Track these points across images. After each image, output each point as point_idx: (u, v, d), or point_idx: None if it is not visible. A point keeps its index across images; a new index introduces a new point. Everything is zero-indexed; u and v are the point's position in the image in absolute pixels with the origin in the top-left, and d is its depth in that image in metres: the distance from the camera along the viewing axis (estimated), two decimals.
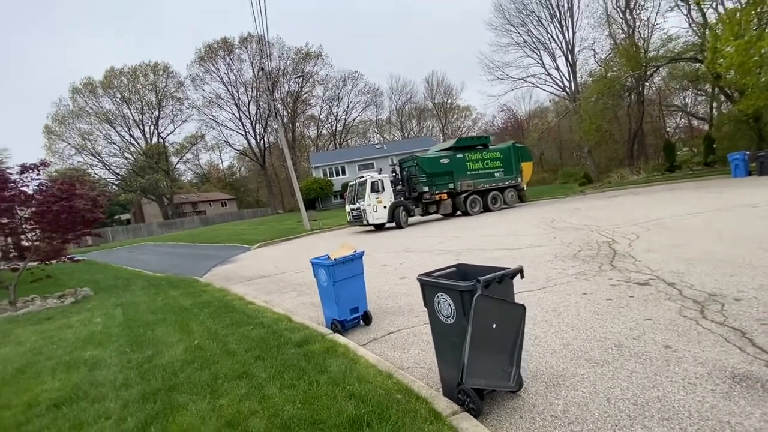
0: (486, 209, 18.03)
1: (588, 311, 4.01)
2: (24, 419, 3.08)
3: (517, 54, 40.66)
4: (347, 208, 17.58)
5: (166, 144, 55.85)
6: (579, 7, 32.46)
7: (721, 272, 4.55)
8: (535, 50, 34.58)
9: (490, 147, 19.48)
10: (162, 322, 5.55)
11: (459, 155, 17.90)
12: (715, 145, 23.19)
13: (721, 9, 19.92)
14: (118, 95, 51.27)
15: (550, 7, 32.64)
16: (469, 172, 17.88)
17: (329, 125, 62.80)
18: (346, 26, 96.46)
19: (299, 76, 52.88)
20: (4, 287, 8.53)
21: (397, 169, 18.26)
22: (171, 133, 57.56)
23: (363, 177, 16.83)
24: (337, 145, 61.06)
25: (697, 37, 23.09)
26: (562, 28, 32.74)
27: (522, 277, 2.67)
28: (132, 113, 52.92)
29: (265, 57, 40.63)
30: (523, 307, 2.59)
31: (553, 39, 33.45)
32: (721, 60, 16.74)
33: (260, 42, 43.81)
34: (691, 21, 24.15)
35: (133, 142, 54.10)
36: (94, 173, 49.81)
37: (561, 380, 2.80)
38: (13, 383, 3.90)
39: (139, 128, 54.23)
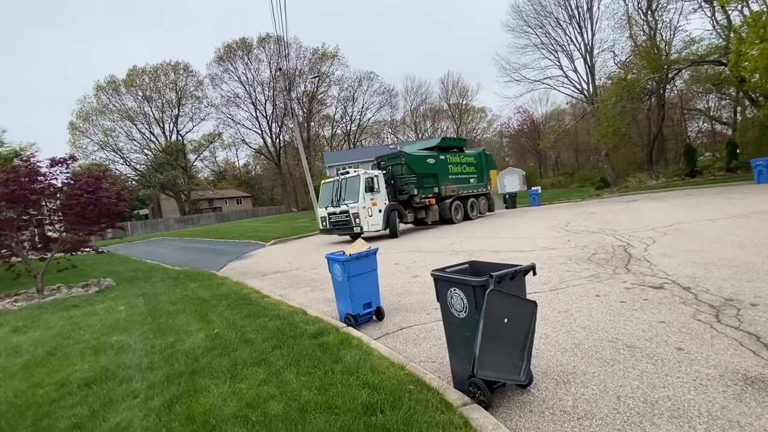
0: (466, 217, 16.75)
1: (600, 313, 4.02)
2: (57, 396, 3.28)
3: (535, 55, 40.58)
4: (323, 212, 14.16)
5: (185, 141, 57.12)
6: (599, 8, 32.08)
7: (739, 278, 4.50)
8: (553, 52, 34.15)
9: (465, 151, 18.13)
10: (182, 311, 5.75)
11: (442, 156, 16.37)
12: (738, 151, 22.55)
13: (746, 11, 19.41)
14: (140, 93, 52.70)
15: (568, 8, 32.21)
16: (450, 176, 16.42)
17: (344, 125, 63.19)
18: (363, 27, 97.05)
19: (315, 77, 53.36)
20: (32, 276, 8.93)
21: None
22: (190, 131, 58.79)
23: (352, 172, 13.81)
24: (351, 145, 61.38)
25: (721, 39, 22.54)
26: (580, 30, 32.28)
27: (534, 274, 2.73)
28: (153, 111, 54.32)
29: (283, 57, 41.19)
30: (534, 303, 2.65)
31: (572, 41, 32.99)
32: (746, 63, 16.31)
33: (278, 42, 44.44)
34: (715, 23, 23.59)
35: (153, 139, 55.54)
36: (116, 169, 51.27)
37: (571, 377, 2.85)
38: (44, 364, 4.13)
39: (159, 126, 55.60)
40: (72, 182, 9.06)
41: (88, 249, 10.08)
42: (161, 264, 13.63)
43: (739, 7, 19.73)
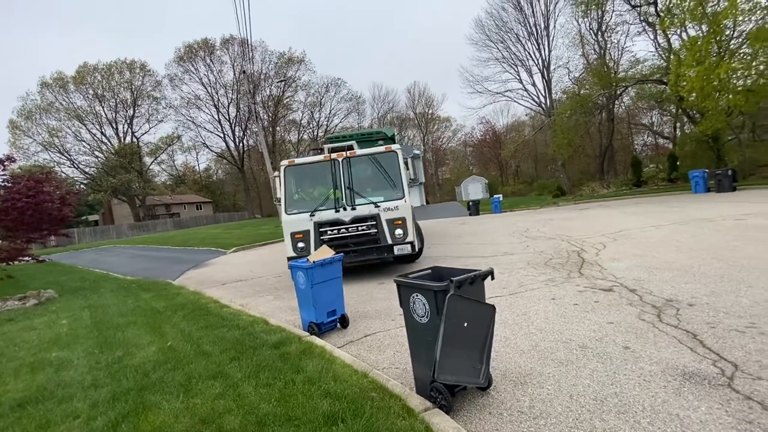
0: None
1: (556, 315, 4.20)
2: None
3: (496, 69, 42.22)
4: (302, 221, 7.20)
5: (140, 144, 54.16)
6: (555, 27, 33.96)
7: (678, 280, 4.86)
8: (513, 66, 35.84)
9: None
10: (133, 324, 5.41)
11: None
12: (678, 163, 24.53)
13: (684, 36, 21.26)
14: (91, 92, 49.41)
15: (527, 25, 34.00)
16: None
17: (310, 130, 62.40)
18: (331, 34, 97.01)
19: (281, 81, 52.53)
20: None
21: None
22: (146, 132, 55.85)
23: (358, 148, 7.73)
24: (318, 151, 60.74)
25: (662, 60, 24.50)
26: (538, 46, 34.09)
27: (492, 278, 2.81)
28: (105, 111, 51.06)
29: (247, 60, 40.29)
30: (493, 307, 2.72)
31: (530, 56, 34.79)
32: (684, 83, 17.79)
33: (243, 44, 43.47)
34: (657, 45, 25.65)
35: (105, 140, 52.11)
36: (62, 171, 47.59)
37: (528, 378, 2.94)
38: None
39: (112, 127, 52.37)
40: (9, 185, 8.33)
41: (27, 258, 9.30)
42: (111, 273, 12.77)
43: (678, 31, 21.59)
